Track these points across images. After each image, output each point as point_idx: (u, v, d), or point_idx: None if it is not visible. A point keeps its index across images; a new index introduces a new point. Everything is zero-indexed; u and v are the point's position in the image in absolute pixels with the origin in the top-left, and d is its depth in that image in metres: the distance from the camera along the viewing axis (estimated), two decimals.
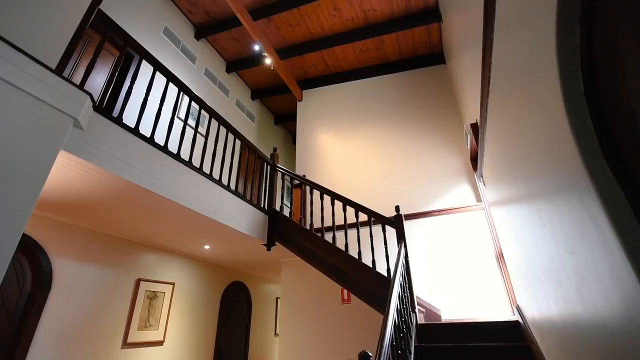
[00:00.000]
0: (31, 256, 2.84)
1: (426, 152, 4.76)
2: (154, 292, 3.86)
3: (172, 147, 2.96)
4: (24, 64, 1.69)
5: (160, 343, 3.81)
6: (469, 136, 3.62)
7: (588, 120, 0.89)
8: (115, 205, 2.74)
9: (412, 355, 2.43)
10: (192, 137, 3.40)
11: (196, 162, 3.37)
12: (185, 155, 3.14)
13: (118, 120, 2.29)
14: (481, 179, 3.28)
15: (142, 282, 3.72)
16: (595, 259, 0.93)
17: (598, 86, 0.88)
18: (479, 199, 4.07)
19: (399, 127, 5.16)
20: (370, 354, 1.55)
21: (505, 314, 3.35)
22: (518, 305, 2.74)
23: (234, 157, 3.59)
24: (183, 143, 3.00)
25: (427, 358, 2.50)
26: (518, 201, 1.80)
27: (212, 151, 3.34)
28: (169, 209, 2.79)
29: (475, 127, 3.14)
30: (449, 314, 3.62)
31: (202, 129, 4.84)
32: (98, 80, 3.52)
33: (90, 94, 2.01)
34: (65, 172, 2.16)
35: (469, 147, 3.90)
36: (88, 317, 3.14)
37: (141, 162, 2.38)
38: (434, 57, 5.36)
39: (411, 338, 2.57)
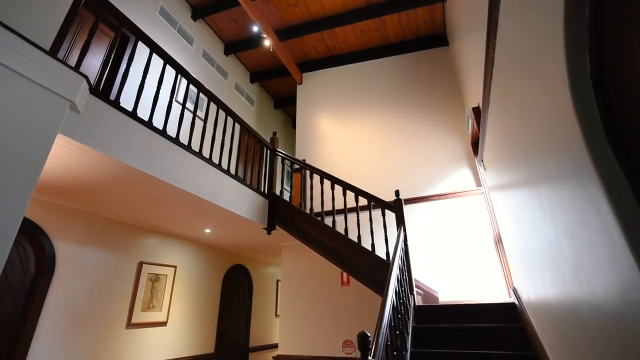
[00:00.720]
0: (34, 239, 2.86)
1: (427, 137, 4.73)
2: (157, 274, 3.92)
3: (171, 131, 2.93)
4: (17, 45, 1.65)
5: (163, 324, 3.90)
6: (470, 120, 3.58)
7: (593, 104, 0.88)
8: (115, 190, 2.74)
9: (410, 336, 2.50)
10: (190, 121, 3.37)
11: (195, 146, 3.35)
12: (184, 139, 3.11)
13: (115, 104, 2.26)
14: (482, 164, 3.27)
15: (144, 265, 3.77)
16: (594, 243, 0.94)
17: (605, 68, 0.86)
18: (478, 184, 4.07)
19: (400, 111, 5.10)
20: (369, 335, 1.58)
21: (502, 297, 3.41)
22: (514, 288, 2.78)
23: (234, 141, 3.56)
24: (182, 127, 2.97)
25: (424, 338, 2.57)
26: (518, 186, 1.80)
27: (211, 135, 3.32)
28: (168, 193, 2.79)
29: (477, 111, 3.10)
30: (446, 296, 3.69)
31: (200, 113, 4.78)
32: (94, 63, 3.45)
33: (86, 77, 1.98)
34: (64, 156, 2.15)
35: (470, 131, 3.87)
36: (92, 298, 3.20)
37: (140, 146, 2.36)
38: (436, 38, 5.24)
39: (409, 319, 2.62)
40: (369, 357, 1.53)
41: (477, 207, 3.96)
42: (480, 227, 3.85)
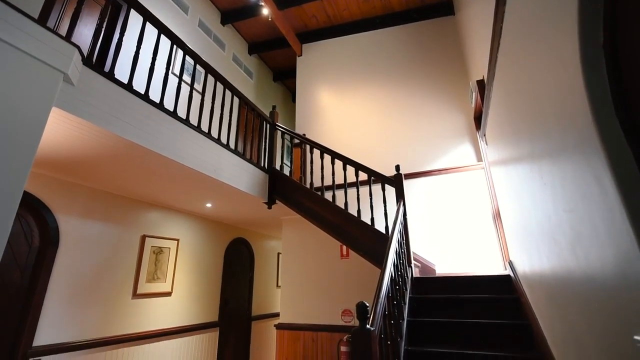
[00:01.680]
0: (36, 213, 2.89)
1: (429, 111, 4.65)
2: (160, 247, 4.00)
3: (168, 104, 2.87)
4: (3, 13, 1.58)
5: (168, 294, 4.02)
6: (474, 93, 3.51)
7: (604, 76, 0.85)
8: (114, 164, 2.73)
9: (407, 306, 2.58)
10: (188, 94, 3.30)
11: (194, 121, 3.30)
12: (182, 113, 3.07)
13: (110, 75, 2.20)
14: (483, 138, 3.24)
15: (147, 238, 3.83)
16: (593, 216, 0.94)
17: (619, 39, 0.82)
18: (479, 159, 4.06)
19: (402, 84, 4.99)
20: (368, 305, 1.64)
21: (498, 269, 3.50)
22: (510, 261, 2.84)
23: (232, 115, 3.50)
24: (179, 100, 2.91)
25: (420, 308, 2.66)
26: (520, 160, 1.79)
27: (209, 109, 3.26)
28: (168, 168, 2.78)
29: (481, 84, 3.03)
30: (443, 269, 3.78)
31: (198, 86, 4.67)
32: (85, 33, 3.32)
33: (78, 47, 1.91)
34: (61, 130, 2.12)
35: (473, 105, 3.80)
36: (98, 270, 3.28)
37: (137, 120, 2.33)
38: (442, 7, 5.02)
39: (406, 290, 2.71)
40: (367, 325, 1.59)
41: (477, 182, 3.97)
42: (479, 202, 3.88)
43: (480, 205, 3.87)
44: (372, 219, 3.18)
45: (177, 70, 4.28)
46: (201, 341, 4.38)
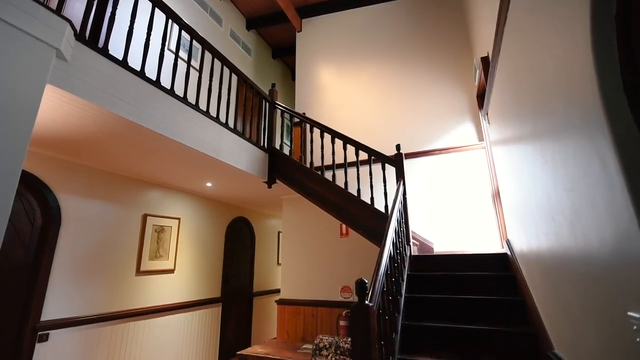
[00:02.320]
0: (37, 192, 2.90)
1: (431, 89, 4.57)
2: (161, 226, 4.04)
3: (165, 82, 2.81)
4: None
5: (171, 271, 4.10)
6: (477, 71, 3.43)
7: (614, 51, 0.82)
8: (112, 143, 2.70)
9: (405, 283, 2.64)
10: (185, 71, 3.22)
11: (191, 99, 3.25)
12: (179, 91, 3.01)
13: (104, 51, 2.14)
14: (486, 117, 3.20)
15: (148, 217, 3.87)
16: (594, 195, 0.94)
17: (632, 10, 0.78)
18: (481, 138, 4.02)
19: (403, 61, 4.87)
20: (367, 281, 1.67)
21: (495, 248, 3.55)
22: (508, 240, 2.88)
23: (231, 93, 3.44)
24: (176, 78, 2.85)
25: (418, 285, 2.72)
26: (522, 139, 1.77)
27: (207, 87, 3.19)
28: (167, 147, 2.76)
29: (485, 61, 2.95)
30: (441, 247, 3.83)
31: (195, 63, 4.56)
32: (77, 7, 3.21)
33: (70, 21, 1.84)
34: (57, 108, 2.08)
35: (476, 83, 3.72)
36: (101, 248, 3.33)
37: (133, 97, 2.28)
38: None
39: (405, 267, 2.75)
40: (366, 301, 1.63)
41: (477, 162, 3.96)
42: (479, 182, 3.88)
43: (480, 184, 3.87)
44: (372, 199, 3.19)
45: (173, 47, 4.17)
46: (204, 316, 4.52)
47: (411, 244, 3.16)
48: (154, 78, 2.56)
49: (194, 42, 3.72)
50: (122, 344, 3.40)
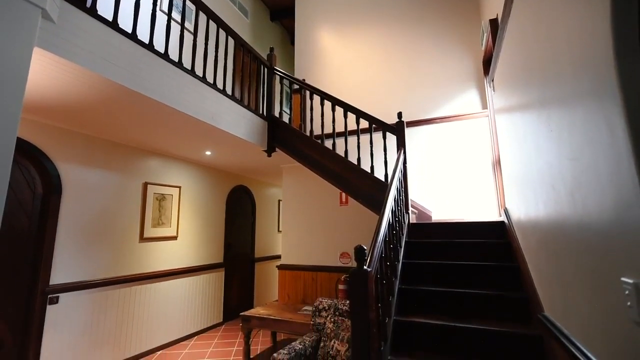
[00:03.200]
0: (36, 161, 2.88)
1: (436, 54, 4.40)
2: (162, 194, 4.07)
3: (159, 46, 2.69)
4: None
5: (174, 238, 4.20)
6: (485, 34, 3.28)
7: (634, 12, 0.77)
8: (108, 110, 2.64)
9: (403, 249, 2.70)
10: (179, 34, 3.08)
11: (186, 64, 3.13)
12: (173, 55, 2.90)
13: (92, 12, 2.02)
14: (491, 84, 3.11)
15: (149, 186, 3.88)
16: (598, 164, 0.93)
17: None
18: (484, 106, 3.94)
19: (408, 25, 4.64)
20: (365, 248, 1.71)
21: (493, 217, 3.60)
22: (506, 208, 2.91)
23: (228, 58, 3.31)
24: (170, 42, 2.73)
25: (415, 251, 2.79)
26: (527, 107, 1.72)
27: (203, 52, 3.06)
28: (163, 114, 2.70)
29: (494, 24, 2.81)
30: (439, 215, 3.89)
31: (189, 25, 4.36)
32: None
33: None
34: (47, 73, 2.01)
35: (483, 47, 3.58)
36: (103, 216, 3.37)
37: (125, 61, 2.20)
38: None
39: (403, 235, 2.81)
40: (365, 267, 1.67)
41: (479, 131, 3.91)
42: (480, 151, 3.86)
43: (480, 153, 3.85)
44: (372, 167, 3.18)
45: (165, 7, 3.95)
46: (208, 280, 4.68)
47: (410, 212, 3.20)
48: (146, 41, 2.45)
49: (188, 3, 3.52)
50: (130, 306, 3.56)
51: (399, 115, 3.29)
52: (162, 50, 2.56)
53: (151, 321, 3.77)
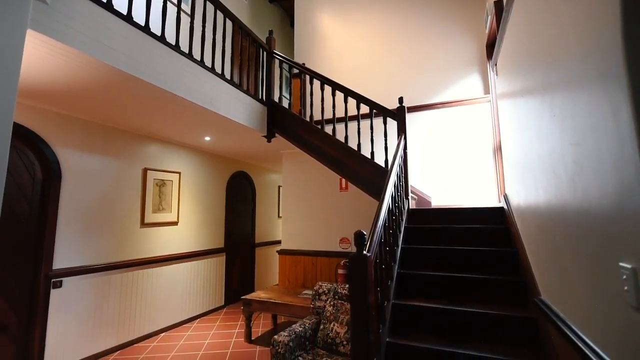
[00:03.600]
0: (34, 147, 2.86)
1: (438, 38, 4.31)
2: (162, 180, 4.07)
3: (155, 29, 2.63)
4: None
5: (175, 223, 4.22)
6: (489, 17, 3.20)
7: None
8: (106, 95, 2.61)
9: (402, 234, 2.72)
10: (175, 16, 2.99)
11: (184, 48, 3.07)
12: (170, 39, 2.83)
13: None
14: (494, 68, 3.06)
15: (149, 171, 3.88)
16: (600, 149, 0.92)
17: None
18: (487, 91, 3.89)
19: (410, 7, 4.53)
20: (365, 233, 1.72)
21: (493, 203, 3.61)
22: (506, 194, 2.91)
23: (226, 41, 3.24)
24: (166, 24, 2.66)
25: (414, 237, 2.81)
26: (531, 92, 1.70)
27: (200, 34, 2.99)
28: (160, 99, 2.67)
29: (499, 6, 2.75)
30: (439, 201, 3.90)
31: (186, 7, 4.25)
32: None
33: None
34: (43, 56, 1.97)
35: (487, 30, 3.50)
36: (104, 201, 3.38)
37: (121, 44, 2.15)
38: None
39: (402, 220, 2.83)
40: (364, 252, 1.69)
41: (481, 116, 3.87)
42: (481, 136, 3.83)
43: (481, 139, 3.83)
44: (372, 153, 3.17)
45: None
46: (209, 265, 4.74)
47: (409, 198, 3.21)
48: (142, 24, 2.39)
49: None
50: (133, 290, 3.61)
51: (400, 100, 3.25)
52: (158, 33, 2.50)
53: (154, 304, 3.84)
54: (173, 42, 2.62)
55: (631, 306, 0.82)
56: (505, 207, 2.77)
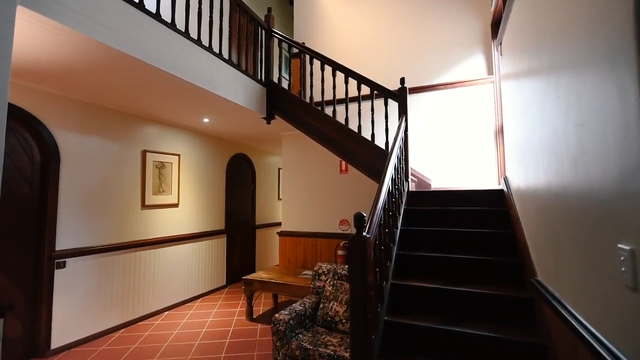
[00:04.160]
0: (31, 129, 2.83)
1: (441, 17, 4.18)
2: (162, 162, 4.06)
3: (150, 6, 2.54)
4: None
5: (175, 205, 4.24)
6: None
7: None
8: (99, 75, 2.55)
9: (401, 216, 2.74)
10: None
11: (180, 26, 2.98)
12: (166, 17, 2.75)
13: None
14: (499, 48, 2.99)
15: (148, 154, 3.86)
16: (605, 131, 0.91)
17: None
18: (490, 72, 3.82)
19: None
20: (365, 215, 1.72)
21: (493, 185, 3.61)
22: (506, 176, 2.91)
23: (223, 20, 3.14)
24: (161, 2, 2.58)
25: (414, 218, 2.83)
26: (536, 72, 1.66)
27: (197, 12, 2.90)
28: (157, 79, 2.62)
29: None
30: (439, 184, 3.90)
31: None
32: None
33: None
34: (34, 34, 1.91)
35: (492, 8, 3.40)
36: (104, 183, 3.38)
37: (115, 22, 2.08)
38: None
39: (402, 202, 2.84)
40: (364, 233, 1.70)
41: (483, 97, 3.81)
42: (483, 118, 3.79)
43: (483, 121, 3.79)
44: (373, 135, 3.14)
45: None
46: (211, 246, 4.80)
47: (409, 180, 3.20)
48: (137, 0, 2.31)
49: None
50: (136, 270, 3.67)
51: (402, 81, 3.19)
52: (153, 10, 2.42)
53: (157, 284, 3.91)
54: (169, 20, 2.54)
55: (627, 286, 0.83)
56: (505, 189, 2.77)
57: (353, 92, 3.79)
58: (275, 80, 3.98)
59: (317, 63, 4.03)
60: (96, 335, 3.21)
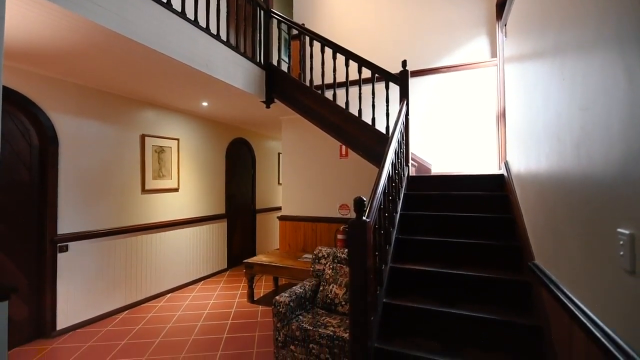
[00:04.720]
0: (27, 112, 2.80)
1: None
2: (161, 146, 4.03)
3: None
4: None
5: (175, 190, 4.25)
6: None
7: None
8: (95, 56, 2.49)
9: (401, 201, 2.75)
10: None
11: (176, 6, 2.90)
12: None
13: None
14: (503, 29, 2.92)
15: (147, 138, 3.83)
16: (610, 114, 0.89)
17: None
18: (494, 54, 3.74)
19: None
20: (365, 199, 1.73)
21: (493, 170, 3.60)
22: (506, 161, 2.90)
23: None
24: None
25: (413, 203, 2.83)
26: (541, 54, 1.63)
27: None
28: (153, 61, 2.56)
29: None
30: (439, 168, 3.89)
31: None
32: None
33: None
34: (27, 15, 1.85)
35: None
36: (103, 168, 3.37)
37: (110, 2, 2.02)
38: None
39: (402, 187, 2.84)
40: (364, 217, 1.71)
41: (486, 81, 3.75)
42: (485, 102, 3.74)
43: (485, 105, 3.74)
44: (373, 119, 3.11)
45: None
46: (211, 230, 4.84)
47: (410, 164, 3.20)
48: None
49: None
50: (138, 254, 3.71)
51: (404, 63, 3.13)
52: None
53: (159, 268, 3.96)
54: (165, 0, 2.46)
55: (625, 270, 0.84)
56: (506, 174, 2.76)
57: (354, 75, 3.72)
58: (275, 63, 3.90)
59: (317, 45, 3.94)
60: (101, 316, 3.28)
